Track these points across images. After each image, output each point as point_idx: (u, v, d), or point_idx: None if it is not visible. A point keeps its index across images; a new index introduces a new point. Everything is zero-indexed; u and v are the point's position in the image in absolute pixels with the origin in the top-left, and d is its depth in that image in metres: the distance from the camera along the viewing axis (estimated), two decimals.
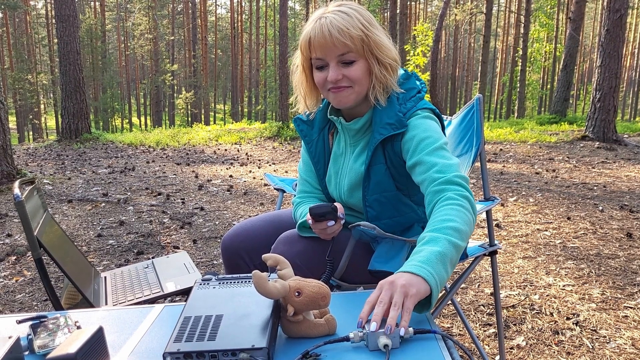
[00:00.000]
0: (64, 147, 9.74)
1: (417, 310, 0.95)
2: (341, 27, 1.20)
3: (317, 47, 1.24)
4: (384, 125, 1.27)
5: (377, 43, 1.25)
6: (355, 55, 1.24)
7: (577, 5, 13.41)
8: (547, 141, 9.04)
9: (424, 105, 1.30)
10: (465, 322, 1.85)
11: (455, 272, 2.85)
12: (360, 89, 1.28)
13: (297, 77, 1.38)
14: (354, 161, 1.37)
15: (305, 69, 1.34)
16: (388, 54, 1.27)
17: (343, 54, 1.23)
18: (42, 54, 38.58)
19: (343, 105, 1.30)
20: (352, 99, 1.28)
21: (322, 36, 1.22)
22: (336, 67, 1.25)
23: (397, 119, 1.26)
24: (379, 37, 1.26)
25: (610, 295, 2.47)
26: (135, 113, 44.53)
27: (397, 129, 1.26)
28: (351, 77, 1.25)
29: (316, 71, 1.29)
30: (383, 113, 1.29)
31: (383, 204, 1.33)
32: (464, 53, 45.48)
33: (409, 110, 1.28)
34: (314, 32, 1.23)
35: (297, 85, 1.40)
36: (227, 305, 0.93)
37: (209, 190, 5.29)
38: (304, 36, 1.27)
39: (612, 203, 4.39)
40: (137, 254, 3.23)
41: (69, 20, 10.11)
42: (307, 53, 1.28)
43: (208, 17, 41.62)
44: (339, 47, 1.22)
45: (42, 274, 1.37)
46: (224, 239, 1.49)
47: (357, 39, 1.22)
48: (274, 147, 9.81)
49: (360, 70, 1.25)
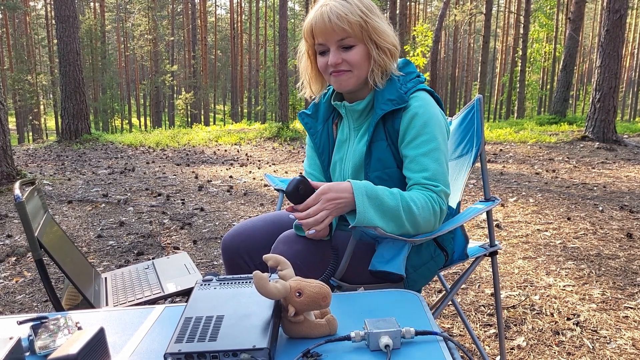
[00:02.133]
0: (64, 148, 9.74)
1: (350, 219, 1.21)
2: (340, 14, 1.28)
3: (319, 33, 1.32)
4: (385, 101, 1.33)
5: (376, 29, 1.31)
6: (353, 40, 1.31)
7: (576, 5, 13.42)
8: (547, 141, 9.04)
9: (424, 87, 1.37)
10: (465, 322, 1.85)
11: (455, 272, 2.84)
12: (359, 72, 1.34)
13: (302, 63, 1.45)
14: (357, 143, 1.41)
15: (310, 55, 1.42)
16: (386, 39, 1.33)
17: (342, 39, 1.30)
18: (42, 55, 38.58)
19: (344, 88, 1.36)
20: (352, 82, 1.35)
21: (323, 22, 1.30)
22: (336, 52, 1.32)
23: (398, 95, 1.33)
24: (378, 23, 1.32)
25: (611, 296, 2.47)
26: (135, 114, 44.53)
27: (397, 105, 1.32)
28: (350, 61, 1.32)
29: (319, 56, 1.37)
30: (384, 91, 1.35)
31: (385, 181, 1.35)
32: (464, 53, 45.50)
33: (409, 90, 1.34)
34: (315, 19, 1.31)
35: (303, 72, 1.47)
36: (228, 305, 0.93)
37: (209, 191, 5.29)
38: (307, 23, 1.35)
39: (612, 203, 4.39)
40: (137, 255, 3.23)
41: (68, 21, 10.12)
42: (310, 40, 1.36)
43: (208, 17, 41.64)
44: (338, 32, 1.29)
45: (43, 275, 1.37)
46: (224, 239, 1.49)
47: (355, 25, 1.29)
48: (274, 147, 9.81)
49: (359, 54, 1.32)
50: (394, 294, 1.11)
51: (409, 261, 1.34)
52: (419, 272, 1.37)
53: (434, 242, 1.42)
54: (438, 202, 1.26)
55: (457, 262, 1.53)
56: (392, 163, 1.35)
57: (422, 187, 1.28)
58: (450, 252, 1.47)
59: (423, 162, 1.28)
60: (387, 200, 1.21)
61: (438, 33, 13.43)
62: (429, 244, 1.40)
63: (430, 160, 1.28)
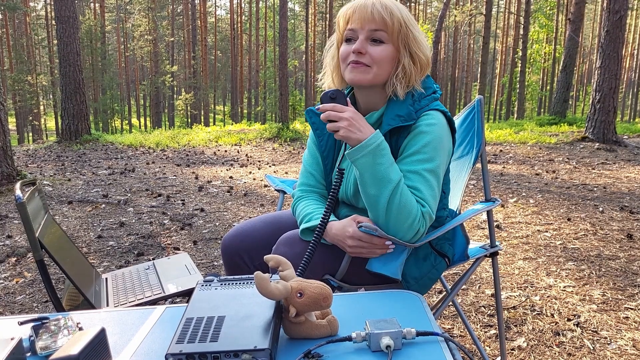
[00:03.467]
0: (64, 149, 9.74)
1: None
2: (386, 4, 1.26)
3: (356, 18, 1.27)
4: (394, 116, 1.29)
5: (415, 37, 1.29)
6: (387, 36, 1.27)
7: (576, 6, 13.43)
8: (547, 142, 9.04)
9: (437, 107, 1.31)
10: (466, 323, 1.85)
11: (456, 273, 2.84)
12: (379, 71, 1.29)
13: (330, 52, 1.40)
14: None
15: (339, 45, 1.37)
16: (422, 50, 1.30)
17: (376, 30, 1.26)
18: (42, 55, 38.59)
19: (357, 82, 1.31)
20: (368, 78, 1.29)
21: (364, 8, 1.26)
22: (364, 41, 1.27)
23: (408, 112, 1.28)
24: (418, 33, 1.30)
25: (611, 297, 2.47)
26: (135, 114, 44.54)
27: (405, 122, 1.27)
28: (374, 56, 1.27)
29: (344, 44, 1.32)
30: (396, 106, 1.30)
31: None
32: (464, 54, 45.51)
33: (422, 108, 1.30)
34: (358, 4, 1.28)
35: (329, 61, 1.42)
36: (229, 306, 0.93)
37: (209, 192, 5.29)
38: (346, 8, 1.31)
39: (612, 204, 4.39)
40: (137, 255, 3.23)
41: (68, 21, 10.12)
42: (343, 25, 1.31)
43: (208, 18, 41.66)
44: (377, 21, 1.25)
45: (44, 275, 1.37)
46: (224, 240, 1.49)
47: (396, 21, 1.26)
48: (274, 148, 9.81)
49: (385, 53, 1.28)
50: (394, 295, 1.11)
51: (410, 274, 1.33)
52: (421, 282, 1.36)
53: (434, 251, 1.40)
54: (420, 220, 1.22)
55: (458, 263, 1.53)
56: None
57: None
58: (450, 255, 1.46)
59: (414, 179, 1.24)
60: (386, 172, 1.20)
61: (438, 34, 13.44)
62: (429, 255, 1.38)
63: (422, 181, 1.24)
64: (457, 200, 1.65)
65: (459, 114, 1.71)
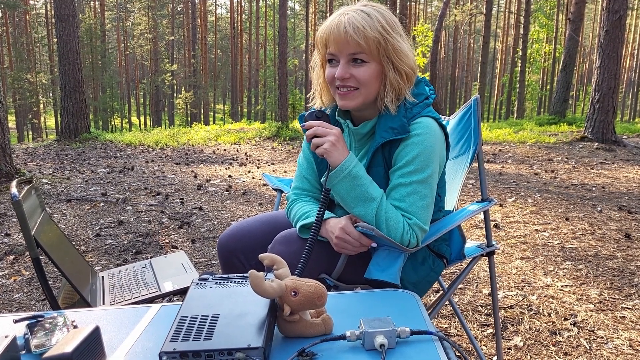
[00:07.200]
0: (63, 147, 9.74)
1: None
2: (358, 26, 1.21)
3: (332, 42, 1.25)
4: (387, 129, 1.27)
5: (396, 48, 1.24)
6: (367, 56, 1.24)
7: (576, 6, 13.43)
8: (546, 142, 9.05)
9: (429, 114, 1.29)
10: (462, 322, 1.85)
11: (453, 272, 2.85)
12: (367, 91, 1.27)
13: (316, 72, 1.39)
14: None
15: (323, 65, 1.35)
16: (405, 60, 1.26)
17: (354, 53, 1.24)
18: (42, 54, 38.57)
19: (348, 107, 1.30)
20: (358, 101, 1.28)
21: (338, 31, 1.23)
22: (346, 65, 1.25)
23: (401, 124, 1.26)
24: (399, 43, 1.25)
25: (608, 296, 2.47)
26: (135, 113, 44.50)
27: (398, 134, 1.25)
28: (359, 78, 1.25)
29: (328, 66, 1.30)
30: (388, 118, 1.28)
31: None
32: (464, 54, 45.50)
33: (414, 116, 1.28)
34: (330, 28, 1.25)
35: (315, 81, 1.40)
36: (223, 304, 0.93)
37: (208, 190, 5.29)
38: (321, 31, 1.28)
39: (610, 204, 4.40)
40: (135, 254, 3.23)
41: (68, 19, 10.11)
42: (322, 49, 1.29)
43: (208, 17, 41.63)
44: (352, 45, 1.22)
45: (40, 274, 1.37)
46: (220, 239, 1.49)
47: (372, 41, 1.22)
48: (273, 147, 9.81)
49: (369, 72, 1.25)
50: (390, 294, 1.11)
51: (408, 278, 1.33)
52: (419, 286, 1.36)
53: (432, 253, 1.40)
54: (409, 232, 1.22)
55: (455, 262, 1.53)
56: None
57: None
58: (448, 255, 1.46)
59: (403, 192, 1.24)
60: (367, 191, 1.23)
61: (438, 33, 13.43)
62: (427, 258, 1.38)
63: (410, 193, 1.24)
64: (454, 200, 1.65)
65: (456, 113, 1.72)
